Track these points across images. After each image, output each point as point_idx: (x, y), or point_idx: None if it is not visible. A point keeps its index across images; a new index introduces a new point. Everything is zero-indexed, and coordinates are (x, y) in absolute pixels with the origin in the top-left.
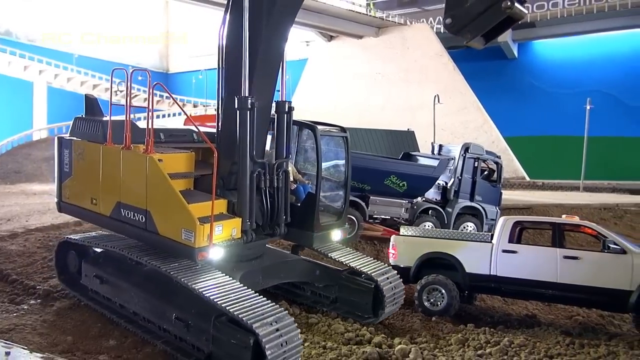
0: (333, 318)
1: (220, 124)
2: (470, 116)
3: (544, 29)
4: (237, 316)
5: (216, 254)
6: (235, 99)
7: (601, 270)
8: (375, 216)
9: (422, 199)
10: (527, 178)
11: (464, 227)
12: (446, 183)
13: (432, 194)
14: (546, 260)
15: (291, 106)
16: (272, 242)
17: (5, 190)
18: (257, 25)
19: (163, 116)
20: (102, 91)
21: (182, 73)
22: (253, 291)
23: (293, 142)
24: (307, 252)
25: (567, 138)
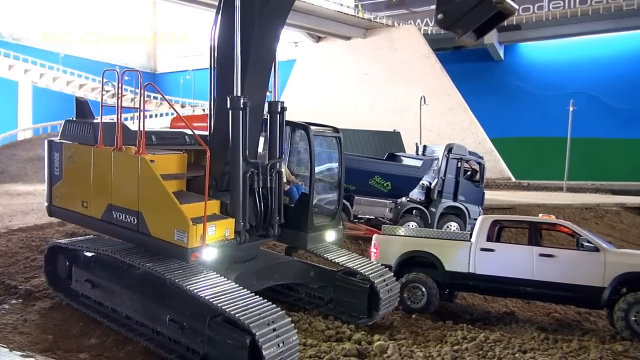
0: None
1: (212, 125)
2: (457, 117)
3: (530, 32)
4: (234, 316)
5: (209, 255)
6: (227, 99)
7: (575, 267)
8: (360, 216)
9: (406, 199)
10: (513, 179)
11: (447, 227)
12: (430, 183)
13: (416, 194)
14: (522, 258)
15: (284, 106)
16: (266, 245)
17: None
18: (249, 25)
19: (150, 116)
20: (89, 91)
21: (170, 73)
22: (249, 291)
23: (286, 143)
24: (301, 254)
25: (552, 139)
